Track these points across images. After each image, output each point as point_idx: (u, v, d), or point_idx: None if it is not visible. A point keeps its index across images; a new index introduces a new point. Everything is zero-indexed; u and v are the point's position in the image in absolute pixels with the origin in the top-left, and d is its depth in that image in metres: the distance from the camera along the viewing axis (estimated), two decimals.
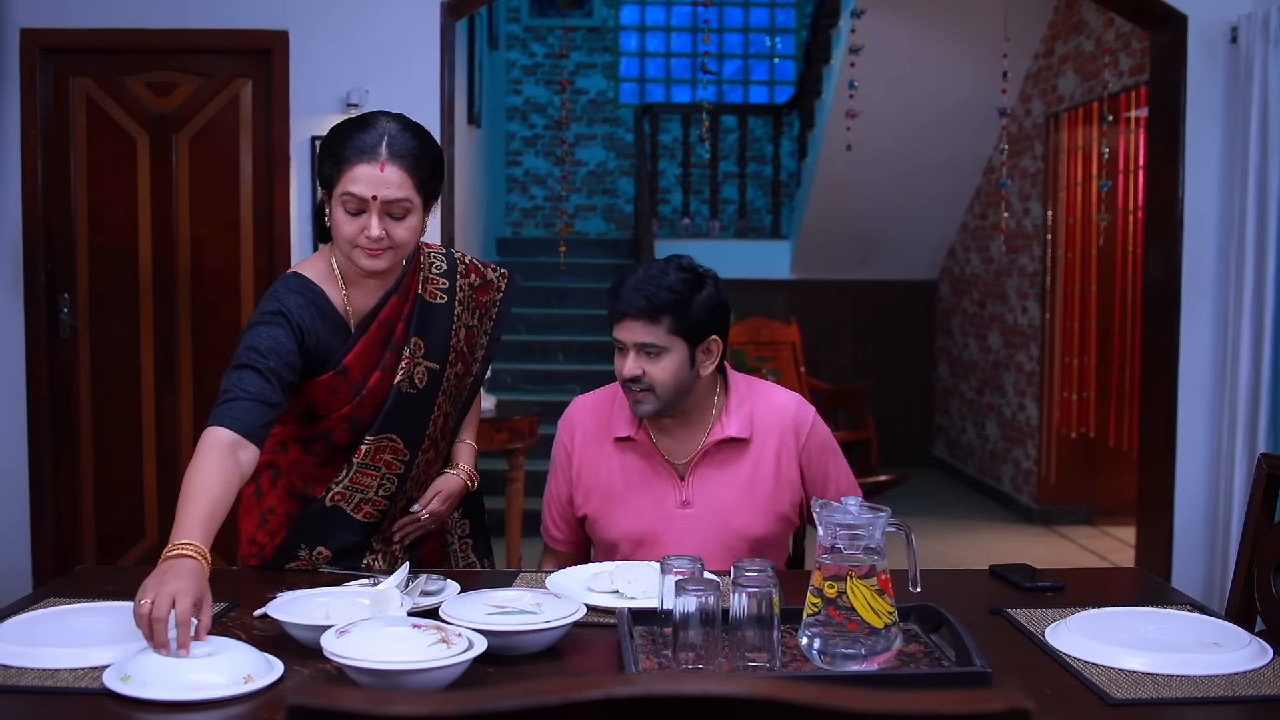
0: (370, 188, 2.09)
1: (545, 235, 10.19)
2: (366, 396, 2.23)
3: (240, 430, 2.02)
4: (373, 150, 2.10)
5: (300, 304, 2.18)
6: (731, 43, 10.90)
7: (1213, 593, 4.36)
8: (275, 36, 4.65)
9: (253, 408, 2.05)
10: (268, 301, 2.18)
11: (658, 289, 2.28)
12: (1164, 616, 1.94)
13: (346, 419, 2.24)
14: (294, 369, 2.14)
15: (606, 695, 0.83)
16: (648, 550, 2.36)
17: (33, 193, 4.65)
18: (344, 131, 2.15)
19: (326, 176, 2.14)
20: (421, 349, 2.28)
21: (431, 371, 2.29)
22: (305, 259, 2.34)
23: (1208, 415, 4.49)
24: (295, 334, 2.14)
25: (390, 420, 2.25)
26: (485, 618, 1.80)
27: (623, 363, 2.33)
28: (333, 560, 2.29)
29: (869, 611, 1.69)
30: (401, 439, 2.28)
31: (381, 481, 2.29)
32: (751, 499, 2.38)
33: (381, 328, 2.24)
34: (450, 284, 2.35)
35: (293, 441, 2.30)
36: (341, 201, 2.11)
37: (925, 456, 8.72)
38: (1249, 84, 4.27)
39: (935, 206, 8.10)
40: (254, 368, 2.08)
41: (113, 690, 1.58)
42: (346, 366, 2.21)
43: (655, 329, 2.29)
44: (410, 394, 2.26)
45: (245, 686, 1.59)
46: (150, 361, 4.79)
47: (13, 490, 4.71)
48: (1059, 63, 6.74)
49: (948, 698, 0.85)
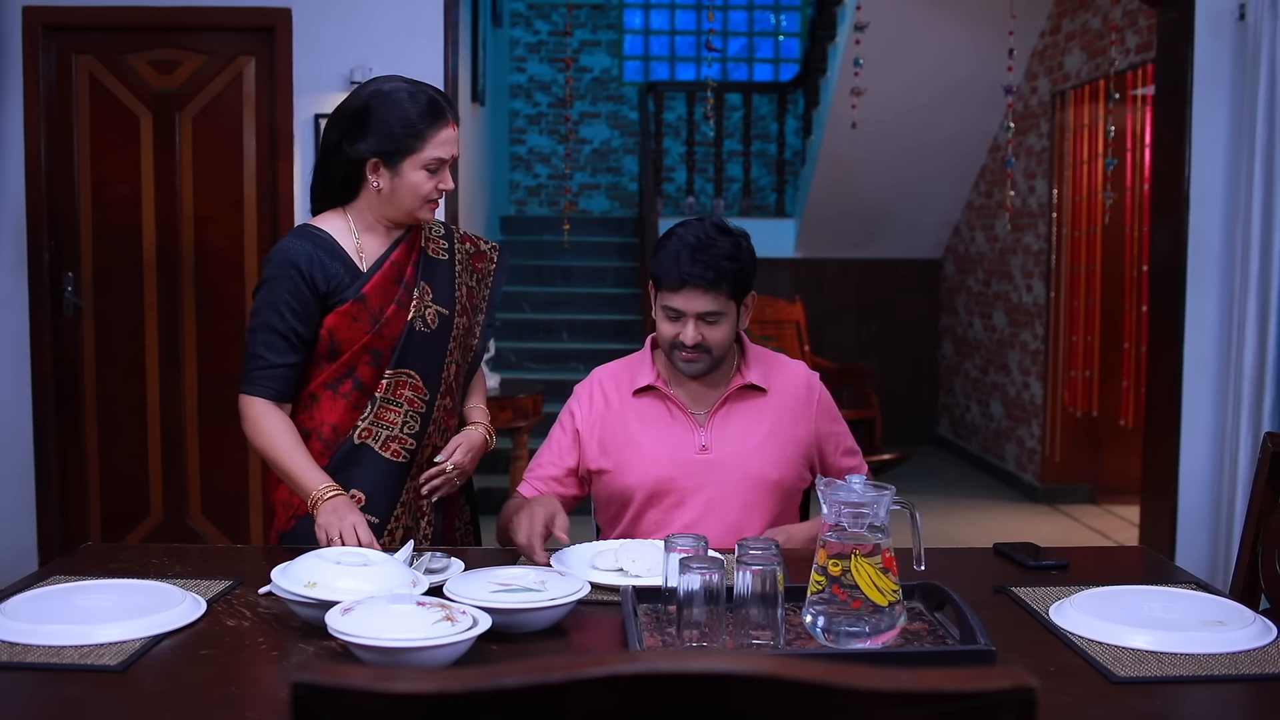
0: (452, 148, 2.32)
1: (549, 214, 10.17)
2: (384, 327, 2.33)
3: (274, 398, 2.31)
4: (444, 115, 2.31)
5: (308, 250, 2.32)
6: (736, 20, 10.85)
7: (1216, 571, 4.36)
8: (278, 14, 4.63)
9: (281, 374, 2.31)
10: (276, 254, 2.34)
11: (718, 258, 2.31)
12: (1168, 595, 1.94)
13: (368, 349, 2.33)
14: (308, 321, 2.31)
15: (611, 673, 0.83)
16: (666, 495, 2.38)
17: (36, 171, 4.65)
18: (402, 100, 2.28)
19: (402, 145, 2.27)
20: (430, 294, 2.40)
21: (441, 315, 2.41)
22: (316, 218, 2.43)
23: (1213, 394, 4.49)
24: (306, 283, 2.30)
25: (406, 354, 2.35)
26: (490, 595, 1.80)
27: (678, 328, 2.35)
28: (365, 506, 2.32)
29: (873, 590, 1.69)
30: (420, 376, 2.38)
31: (405, 419, 2.36)
32: (770, 444, 2.41)
33: (393, 267, 2.37)
34: (450, 245, 2.49)
35: (322, 390, 2.36)
36: (426, 165, 2.28)
37: (930, 435, 8.72)
38: (1256, 62, 4.24)
39: (940, 185, 8.08)
40: (275, 329, 2.30)
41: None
42: (365, 295, 2.33)
43: (717, 296, 2.32)
44: (424, 333, 2.37)
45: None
46: (154, 340, 4.79)
47: (18, 468, 4.72)
48: (1065, 40, 6.71)
49: (952, 676, 0.85)
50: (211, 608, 1.88)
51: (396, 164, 2.29)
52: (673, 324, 2.36)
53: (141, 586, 1.93)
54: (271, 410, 2.30)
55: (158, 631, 1.75)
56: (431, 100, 2.30)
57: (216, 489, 4.82)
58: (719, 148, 8.87)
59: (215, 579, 2.03)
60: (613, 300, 8.38)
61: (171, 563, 2.16)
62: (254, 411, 2.30)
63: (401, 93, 2.29)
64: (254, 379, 2.30)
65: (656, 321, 2.41)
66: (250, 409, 2.31)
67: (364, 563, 1.87)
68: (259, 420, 2.30)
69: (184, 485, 4.83)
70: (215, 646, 1.73)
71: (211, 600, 1.91)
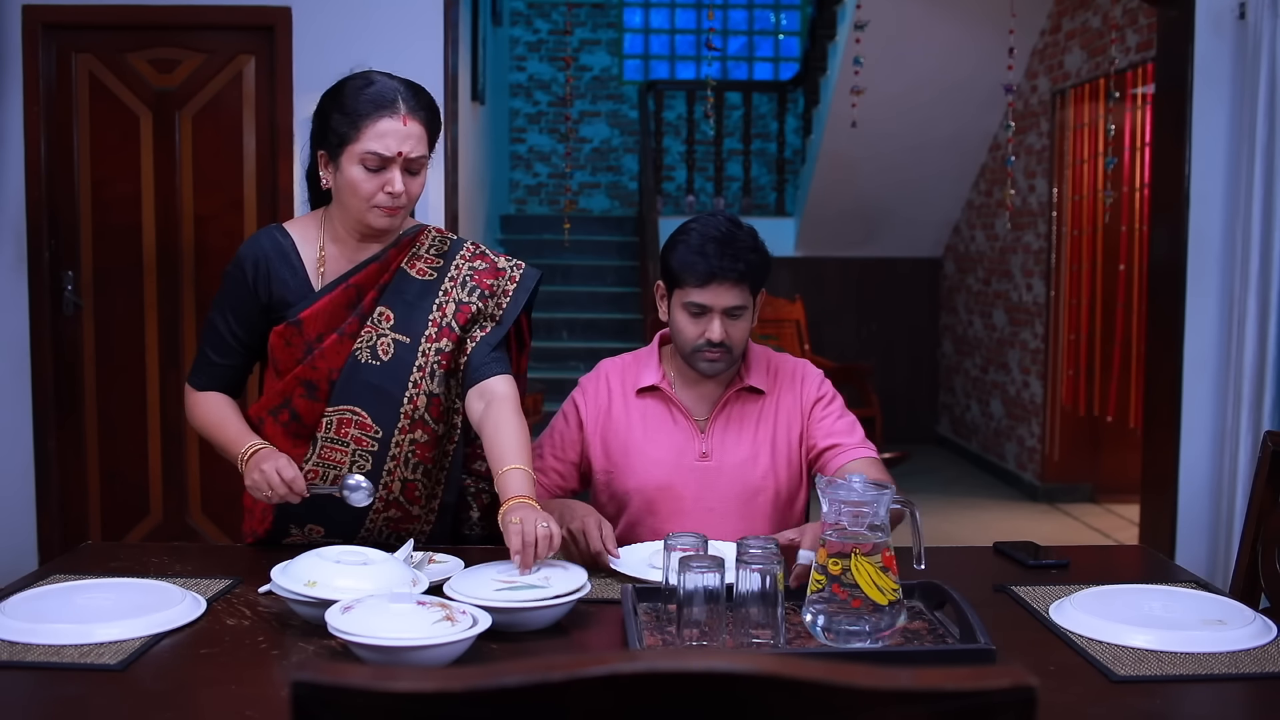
0: (396, 143, 2.08)
1: (549, 212, 10.17)
2: (318, 358, 2.16)
3: (215, 387, 2.28)
4: (392, 105, 2.09)
5: (262, 253, 2.23)
6: (736, 18, 10.84)
7: (1216, 570, 4.36)
8: (278, 13, 4.63)
9: (222, 373, 2.27)
10: (240, 249, 2.27)
11: (744, 250, 2.29)
12: (1168, 594, 1.94)
13: (301, 382, 2.18)
14: (252, 327, 2.25)
15: (611, 671, 0.83)
16: (665, 503, 2.37)
17: (36, 170, 4.65)
18: (353, 89, 2.11)
19: (338, 136, 2.11)
20: (390, 320, 2.20)
21: (399, 345, 2.19)
22: (295, 219, 2.34)
23: (1212, 393, 4.48)
24: (249, 287, 2.22)
25: (348, 391, 2.18)
26: (494, 593, 1.80)
27: (703, 325, 2.29)
28: (325, 537, 2.25)
29: (873, 589, 1.69)
30: (368, 413, 2.18)
31: (354, 459, 2.19)
32: (769, 453, 2.38)
33: (349, 290, 2.19)
34: (444, 264, 2.27)
35: (264, 413, 2.23)
36: (361, 159, 2.09)
37: (929, 434, 8.72)
38: (1257, 61, 4.24)
39: (940, 183, 8.08)
40: (215, 328, 2.25)
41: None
42: (301, 320, 2.18)
43: (743, 290, 2.30)
44: (372, 365, 2.18)
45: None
46: (154, 338, 4.79)
47: (18, 467, 4.72)
48: (1065, 39, 6.71)
49: (952, 675, 0.85)
50: (211, 607, 1.88)
51: (338, 157, 2.12)
52: (696, 321, 2.30)
53: (141, 585, 1.93)
54: (208, 394, 2.26)
55: (158, 630, 1.74)
56: (381, 91, 2.09)
57: (216, 488, 4.82)
58: (719, 146, 8.87)
59: (215, 578, 2.03)
60: (613, 299, 8.38)
61: (171, 561, 2.16)
62: (191, 399, 2.28)
63: (357, 80, 2.12)
64: (197, 370, 2.28)
65: (674, 322, 2.35)
66: (189, 397, 2.29)
67: (364, 561, 1.87)
68: (194, 405, 2.27)
69: (184, 484, 4.83)
70: (215, 645, 1.73)
71: (211, 599, 1.91)
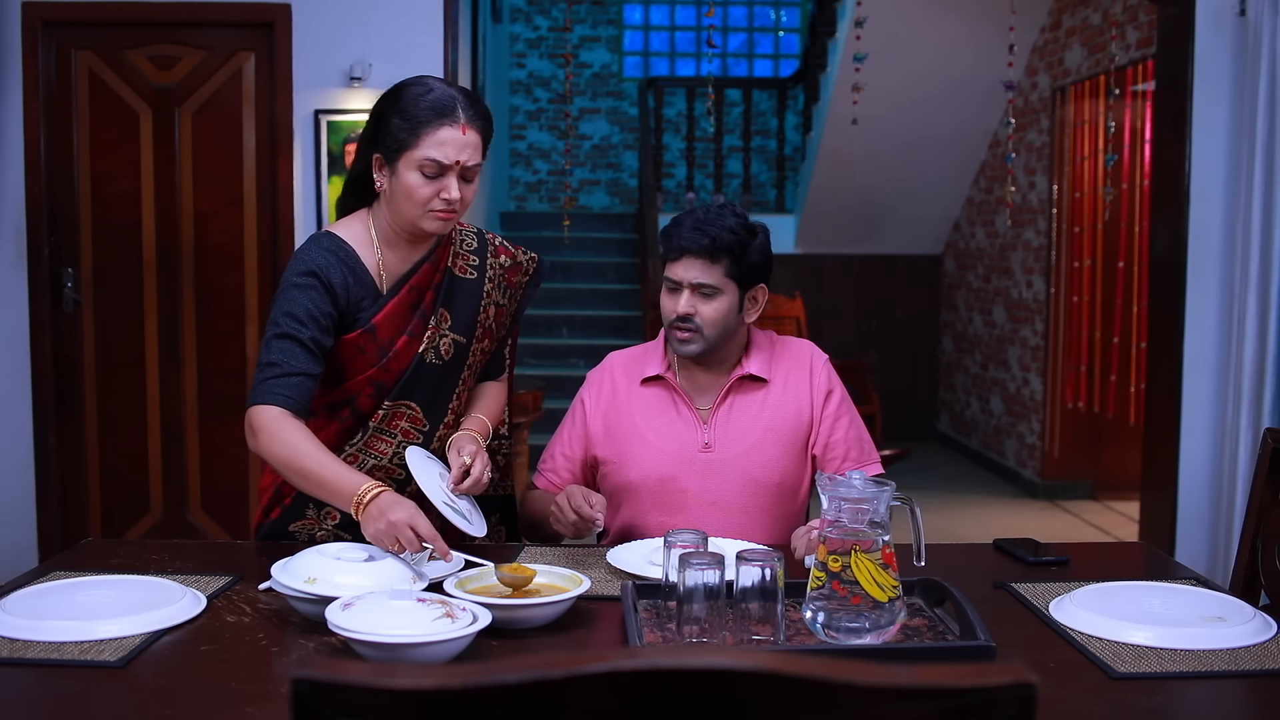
0: (455, 151, 2.11)
1: (549, 209, 10.17)
2: (392, 360, 2.20)
3: (292, 409, 2.06)
4: (453, 113, 2.11)
5: (331, 262, 2.17)
6: (736, 15, 10.84)
7: (1216, 567, 4.36)
8: (278, 9, 4.63)
9: (300, 384, 2.08)
10: (298, 262, 2.17)
11: (719, 229, 2.32)
12: (1168, 591, 1.94)
13: (372, 383, 2.20)
14: (330, 333, 2.15)
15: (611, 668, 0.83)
16: (668, 495, 2.37)
17: (36, 167, 4.65)
18: (413, 95, 2.13)
19: (397, 141, 2.12)
20: (448, 321, 2.26)
21: (458, 345, 2.27)
22: (338, 222, 2.29)
23: (1212, 390, 4.48)
24: (328, 294, 2.14)
25: (410, 388, 2.22)
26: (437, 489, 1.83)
27: (675, 300, 2.34)
28: (339, 526, 2.25)
29: (873, 585, 1.69)
30: (421, 408, 2.24)
31: (396, 449, 2.23)
32: (770, 442, 2.39)
33: (412, 292, 2.22)
34: (481, 261, 2.33)
35: (321, 410, 2.24)
36: (420, 166, 2.11)
37: (929, 431, 8.72)
38: (1257, 57, 4.24)
39: (940, 180, 8.07)
40: (295, 338, 2.09)
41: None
42: (375, 325, 2.18)
43: (714, 269, 2.32)
44: (435, 364, 2.24)
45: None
46: (154, 335, 4.79)
47: (18, 465, 4.72)
48: (1065, 36, 6.70)
49: (952, 671, 0.85)
50: (211, 603, 1.88)
51: (394, 162, 2.13)
52: (671, 297, 2.36)
53: (142, 582, 1.93)
54: (289, 418, 2.05)
55: (158, 627, 1.75)
56: (441, 97, 2.12)
57: (216, 484, 4.82)
58: (719, 143, 8.87)
59: (215, 575, 2.03)
60: (613, 296, 8.38)
61: (171, 558, 2.16)
62: (266, 420, 2.05)
63: (414, 87, 2.14)
64: (267, 388, 2.06)
65: (661, 302, 2.40)
66: (261, 418, 2.05)
67: (364, 558, 1.87)
68: (275, 429, 2.04)
69: (184, 481, 4.83)
70: (215, 642, 1.73)
71: (211, 596, 1.91)
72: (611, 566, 2.09)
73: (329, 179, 4.69)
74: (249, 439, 2.09)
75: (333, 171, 4.69)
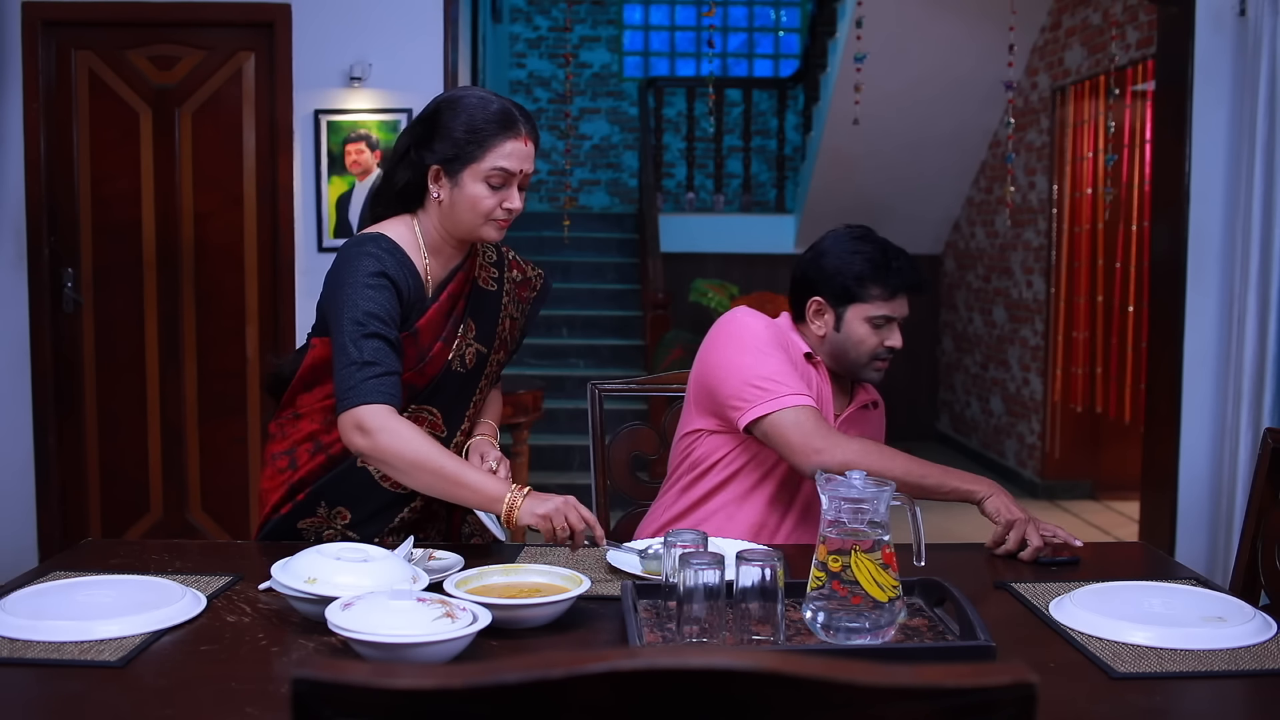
0: (519, 162, 2.17)
1: (549, 209, 10.17)
2: (428, 364, 2.22)
3: (397, 407, 2.09)
4: (515, 126, 2.17)
5: (395, 264, 2.18)
6: (736, 15, 10.84)
7: (1216, 567, 4.36)
8: (278, 9, 4.63)
9: (398, 383, 2.11)
10: (365, 261, 2.15)
11: (916, 264, 2.42)
12: (1168, 591, 1.94)
13: (406, 385, 2.19)
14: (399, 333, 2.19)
15: (611, 668, 0.83)
16: (794, 497, 2.44)
17: (35, 167, 4.65)
18: (475, 107, 2.17)
19: (462, 153, 2.15)
20: (473, 330, 2.30)
21: (480, 354, 2.31)
22: (382, 224, 2.27)
23: (1212, 390, 4.48)
24: (397, 297, 2.16)
25: (436, 393, 2.26)
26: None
27: (882, 337, 2.41)
28: (349, 526, 2.26)
29: (873, 585, 1.69)
30: (441, 414, 2.28)
31: None
32: None
33: (449, 300, 2.26)
34: (500, 274, 2.38)
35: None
36: (486, 177, 2.15)
37: (929, 431, 8.72)
38: (1257, 57, 4.24)
39: (940, 180, 8.07)
40: (385, 338, 2.10)
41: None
42: (419, 330, 2.20)
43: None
44: (459, 372, 2.27)
45: None
46: (154, 335, 4.79)
47: (18, 464, 4.72)
48: (1065, 36, 6.70)
49: (952, 671, 0.85)
50: (211, 603, 1.88)
51: (457, 173, 2.16)
52: (878, 332, 2.40)
53: (142, 582, 1.93)
54: (399, 416, 2.07)
55: (158, 627, 1.74)
56: (504, 110, 2.16)
57: (216, 484, 4.82)
58: (719, 143, 8.87)
59: (215, 574, 2.03)
60: (613, 296, 8.37)
61: (171, 558, 2.15)
62: (382, 418, 2.04)
63: (472, 98, 2.18)
64: (371, 387, 2.05)
65: (850, 335, 2.41)
66: (374, 417, 2.04)
67: (364, 558, 1.87)
68: (395, 427, 2.04)
69: (184, 481, 4.83)
70: (215, 642, 1.73)
71: (211, 596, 1.91)
72: (611, 566, 2.09)
73: (329, 179, 4.69)
74: (356, 438, 2.06)
75: (332, 171, 4.69)
